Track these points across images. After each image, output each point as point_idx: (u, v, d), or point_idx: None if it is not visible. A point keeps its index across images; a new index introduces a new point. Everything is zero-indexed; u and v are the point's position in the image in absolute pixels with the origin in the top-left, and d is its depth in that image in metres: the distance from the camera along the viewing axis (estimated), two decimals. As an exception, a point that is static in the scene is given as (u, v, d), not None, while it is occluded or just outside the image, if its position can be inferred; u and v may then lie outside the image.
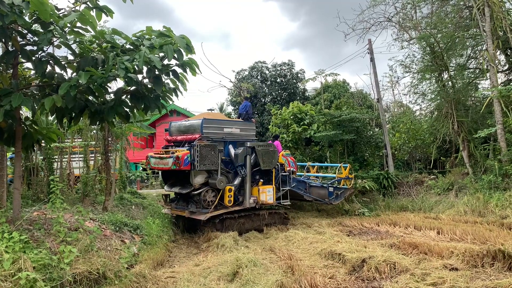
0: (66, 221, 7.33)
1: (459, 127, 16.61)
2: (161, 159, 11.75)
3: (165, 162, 11.58)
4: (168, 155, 11.65)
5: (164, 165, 11.64)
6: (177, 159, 11.22)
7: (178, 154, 11.30)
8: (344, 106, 22.74)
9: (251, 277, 6.63)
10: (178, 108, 37.38)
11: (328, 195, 15.18)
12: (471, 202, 13.78)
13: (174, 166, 11.33)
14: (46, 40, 6.15)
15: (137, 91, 7.15)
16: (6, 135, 7.31)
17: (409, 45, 19.64)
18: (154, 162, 12.02)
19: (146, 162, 12.35)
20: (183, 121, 13.12)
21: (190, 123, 12.68)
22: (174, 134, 12.94)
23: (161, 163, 11.76)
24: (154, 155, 12.21)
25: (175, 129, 13.02)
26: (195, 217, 11.65)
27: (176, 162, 11.24)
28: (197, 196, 11.74)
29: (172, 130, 13.12)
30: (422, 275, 6.51)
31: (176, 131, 12.92)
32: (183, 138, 12.40)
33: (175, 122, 13.41)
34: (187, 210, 11.87)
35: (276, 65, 38.93)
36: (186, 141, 12.19)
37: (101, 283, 6.01)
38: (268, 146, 13.16)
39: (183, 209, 12.10)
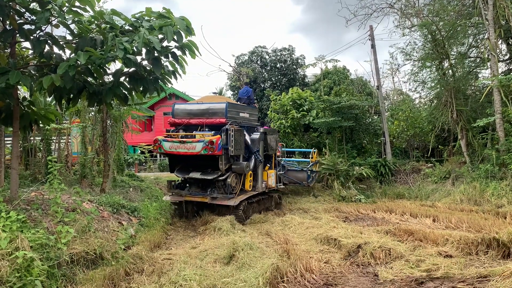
0: (64, 202, 7.36)
1: (458, 116, 16.60)
2: (182, 143, 11.08)
3: (190, 146, 10.94)
4: (196, 139, 11.10)
5: (188, 150, 10.98)
6: (211, 144, 10.74)
7: (211, 138, 10.82)
8: (344, 93, 22.65)
9: (247, 260, 6.68)
10: (176, 91, 37.20)
11: (306, 178, 16.01)
12: (467, 191, 13.84)
13: (204, 151, 10.79)
14: (44, 19, 6.09)
15: (136, 73, 7.11)
16: (4, 115, 7.30)
17: (411, 32, 19.55)
18: (171, 147, 11.21)
19: (156, 146, 11.40)
20: (195, 104, 12.58)
21: (207, 106, 12.18)
22: (182, 117, 12.23)
23: (182, 147, 11.07)
24: (169, 139, 11.41)
25: (184, 111, 12.30)
26: (221, 203, 11.25)
27: (209, 147, 10.74)
28: (221, 181, 11.41)
29: (178, 112, 12.36)
30: (417, 261, 6.57)
31: (186, 113, 12.21)
32: (200, 122, 11.85)
33: (181, 104, 12.88)
34: (209, 196, 11.41)
35: (276, 50, 38.69)
36: (205, 125, 11.74)
37: (98, 264, 6.06)
38: (274, 132, 13.24)
39: (202, 195, 11.57)
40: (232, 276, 5.97)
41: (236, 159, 11.66)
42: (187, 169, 11.96)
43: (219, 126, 11.69)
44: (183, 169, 12.06)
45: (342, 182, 17.16)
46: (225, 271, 6.28)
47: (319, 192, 17.23)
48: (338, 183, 17.06)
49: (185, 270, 6.19)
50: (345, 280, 6.13)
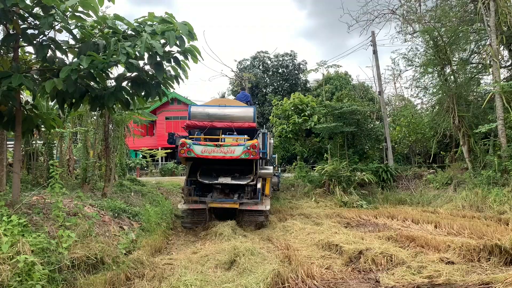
0: (65, 206, 7.35)
1: (460, 122, 16.59)
2: (217, 146, 10.79)
3: (227, 150, 10.72)
4: (235, 143, 10.98)
5: (225, 154, 10.73)
6: (253, 148, 10.64)
7: (253, 142, 10.76)
8: (346, 98, 22.71)
9: (248, 265, 6.66)
10: (178, 96, 37.31)
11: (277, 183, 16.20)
12: (469, 197, 13.80)
13: (245, 155, 10.66)
14: (47, 24, 6.12)
15: (138, 78, 7.13)
16: (6, 119, 7.32)
17: (413, 38, 19.60)
18: (203, 150, 10.79)
19: (184, 150, 10.76)
20: (215, 107, 12.33)
21: (232, 109, 12.13)
22: (202, 119, 11.92)
23: (217, 151, 10.75)
24: (201, 143, 11.02)
25: (203, 114, 12.02)
26: (252, 208, 11.14)
27: (251, 151, 10.65)
28: (250, 186, 11.32)
29: (196, 115, 12.00)
30: (419, 267, 6.53)
31: (207, 116, 11.96)
32: (227, 125, 11.74)
33: (198, 106, 12.57)
34: (238, 202, 11.15)
35: (279, 55, 38.85)
36: (232, 128, 11.66)
37: (98, 268, 6.04)
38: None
39: (231, 201, 11.23)
40: (233, 282, 5.95)
41: (261, 163, 11.64)
42: (210, 174, 11.58)
43: (248, 130, 11.75)
44: (207, 174, 11.57)
45: (343, 188, 17.16)
46: (226, 277, 6.26)
47: (320, 198, 17.21)
48: (339, 188, 17.07)
49: (186, 275, 6.18)
50: (347, 286, 6.09)
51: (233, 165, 11.39)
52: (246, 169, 11.54)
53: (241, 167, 11.49)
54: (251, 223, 11.43)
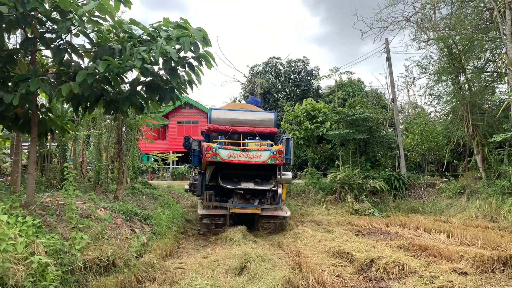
0: (78, 208, 7.42)
1: (474, 130, 16.39)
2: (244, 151, 10.75)
3: (254, 155, 10.71)
4: (262, 148, 11.00)
5: (251, 159, 10.72)
6: (279, 153, 10.69)
7: (279, 148, 10.83)
8: (358, 105, 22.59)
9: (259, 271, 6.65)
10: (191, 100, 37.52)
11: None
12: (483, 207, 13.61)
13: (271, 160, 10.70)
14: (65, 28, 6.22)
15: (153, 82, 7.20)
16: (22, 121, 7.43)
17: (427, 46, 19.44)
18: (229, 155, 10.70)
19: (210, 154, 10.62)
20: (235, 111, 12.31)
21: (253, 114, 12.17)
22: (223, 123, 11.85)
23: (243, 156, 10.71)
24: (228, 147, 10.94)
25: (224, 118, 11.98)
26: (274, 214, 11.22)
27: (277, 156, 10.70)
28: (272, 192, 11.35)
29: (216, 119, 11.94)
30: (431, 277, 6.45)
31: (228, 121, 11.93)
32: (249, 130, 11.73)
33: (218, 110, 12.43)
34: (260, 207, 11.17)
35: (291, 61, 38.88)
36: (253, 133, 11.67)
37: (110, 271, 6.09)
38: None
39: (252, 206, 11.21)
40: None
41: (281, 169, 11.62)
42: (231, 179, 11.49)
43: (270, 135, 11.78)
44: (227, 179, 11.46)
45: (355, 195, 17.05)
46: (236, 282, 6.26)
47: (331, 205, 17.11)
48: (351, 196, 16.96)
49: (197, 280, 6.19)
50: (358, 295, 6.06)
51: (254, 170, 11.36)
52: (267, 174, 11.54)
53: (262, 172, 11.48)
54: (271, 229, 11.48)
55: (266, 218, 11.48)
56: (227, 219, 11.17)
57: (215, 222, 11.32)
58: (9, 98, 6.10)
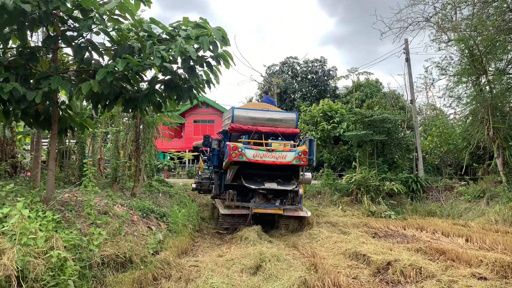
0: (96, 204, 7.52)
1: (494, 133, 16.08)
2: (269, 151, 10.76)
3: (279, 155, 10.76)
4: (287, 148, 11.07)
5: (277, 159, 10.75)
6: (304, 154, 10.77)
7: (304, 148, 10.92)
8: (376, 106, 22.38)
9: (274, 271, 6.63)
10: (207, 99, 37.69)
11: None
12: (503, 211, 13.34)
13: (296, 161, 10.77)
14: (87, 26, 6.30)
15: (171, 81, 7.25)
16: (42, 118, 7.55)
17: (447, 47, 19.10)
18: (255, 155, 10.67)
19: (236, 154, 10.56)
20: (257, 110, 12.27)
21: (275, 114, 12.22)
22: (246, 123, 11.79)
23: (268, 156, 10.72)
24: (254, 147, 10.89)
25: (247, 118, 11.90)
26: (295, 214, 11.31)
27: (302, 157, 10.76)
28: (293, 192, 11.45)
29: (239, 118, 11.84)
30: (449, 282, 6.34)
31: (251, 120, 11.87)
32: (272, 130, 11.75)
33: (240, 109, 12.31)
34: (282, 208, 11.24)
35: (308, 61, 38.72)
36: (276, 133, 11.72)
37: (127, 267, 6.15)
38: None
39: (275, 207, 11.27)
40: (259, 287, 5.93)
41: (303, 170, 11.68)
42: (253, 179, 11.43)
43: (292, 135, 11.84)
44: (250, 179, 11.38)
45: (372, 197, 16.89)
46: (252, 282, 6.25)
47: (347, 206, 16.98)
48: (367, 198, 16.80)
49: (213, 278, 6.21)
50: (374, 298, 6.00)
51: (275, 170, 11.39)
52: (288, 174, 11.57)
53: (284, 172, 11.51)
54: (292, 229, 11.50)
55: (287, 218, 11.51)
56: (249, 219, 11.12)
57: (236, 222, 11.27)
58: (31, 95, 6.20)
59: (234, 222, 11.25)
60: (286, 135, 11.89)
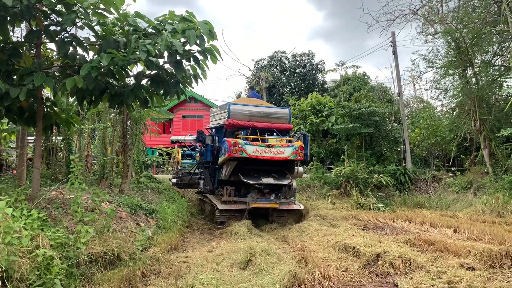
0: (84, 201, 7.42)
1: (481, 125, 16.24)
2: (269, 147, 10.90)
3: (278, 151, 10.92)
4: (285, 144, 11.21)
5: (275, 155, 10.92)
6: (301, 150, 10.99)
7: (300, 144, 11.13)
8: (364, 99, 22.46)
9: (264, 265, 6.61)
10: (195, 95, 37.49)
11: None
12: (490, 202, 13.51)
13: (294, 156, 10.99)
14: (70, 20, 6.17)
15: (158, 76, 7.15)
16: (27, 115, 7.42)
17: (434, 39, 19.21)
18: (255, 151, 10.80)
19: (237, 150, 10.64)
20: (252, 106, 12.21)
21: (269, 109, 12.33)
22: (242, 118, 11.76)
23: (268, 152, 10.87)
24: (254, 143, 10.97)
25: (243, 113, 11.84)
26: (290, 207, 11.56)
27: (299, 152, 10.97)
28: (287, 186, 11.66)
29: (235, 113, 11.76)
30: (438, 272, 6.39)
31: (247, 115, 11.83)
32: (268, 126, 11.80)
33: (236, 105, 12.20)
34: (278, 202, 11.40)
35: (296, 55, 38.70)
36: (271, 129, 11.79)
37: (115, 264, 6.07)
38: None
39: (271, 201, 11.37)
40: (249, 282, 5.91)
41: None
42: (249, 174, 11.45)
43: (285, 131, 11.99)
44: (247, 174, 11.39)
45: (360, 190, 16.98)
46: (242, 276, 6.23)
47: (336, 199, 17.05)
48: (356, 190, 16.89)
49: (202, 274, 6.16)
50: (364, 290, 6.01)
51: (270, 165, 11.52)
52: (282, 169, 11.75)
53: (279, 167, 11.68)
54: (286, 222, 11.63)
55: (281, 212, 11.70)
56: (246, 213, 11.18)
57: (233, 216, 11.32)
58: (15, 92, 6.07)
59: (231, 217, 11.31)
60: (281, 130, 11.97)
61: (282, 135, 11.95)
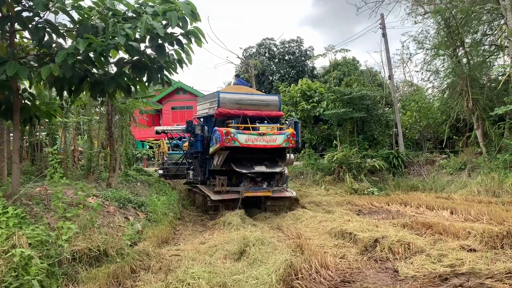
0: (68, 196, 7.09)
1: (474, 104, 16.05)
2: (260, 135, 10.74)
3: (270, 139, 10.82)
4: (277, 132, 11.08)
5: (267, 143, 10.82)
6: (292, 137, 10.96)
7: (292, 131, 11.10)
8: (355, 83, 22.17)
9: (259, 256, 6.34)
10: (184, 85, 36.97)
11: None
12: (485, 182, 13.38)
13: (286, 144, 10.99)
14: (41, 4, 5.77)
15: (139, 62, 6.78)
16: (4, 107, 7.03)
17: (424, 19, 18.93)
18: (247, 139, 10.61)
19: (229, 139, 10.45)
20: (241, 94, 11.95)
21: (261, 97, 12.22)
22: (231, 107, 11.40)
23: (260, 140, 10.73)
24: (245, 131, 10.77)
25: (232, 101, 11.50)
26: (282, 195, 11.47)
27: (291, 139, 10.95)
28: (279, 174, 11.61)
29: (225, 102, 11.40)
30: (439, 256, 6.17)
31: (236, 103, 11.50)
32: (258, 114, 11.57)
33: (226, 93, 11.83)
34: (271, 189, 11.24)
35: (285, 42, 38.26)
36: (262, 117, 11.55)
37: (102, 261, 5.75)
38: None
39: (264, 189, 11.20)
40: (243, 273, 5.63)
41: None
42: (242, 163, 11.26)
43: (276, 118, 11.83)
44: (240, 163, 11.19)
45: (354, 175, 16.80)
46: (235, 268, 5.95)
47: (330, 185, 16.86)
48: (350, 175, 16.70)
49: (194, 267, 5.86)
50: (363, 277, 5.75)
51: (262, 153, 11.43)
52: (274, 157, 11.66)
53: (271, 155, 11.60)
54: (279, 210, 11.53)
55: (274, 199, 11.57)
56: (239, 203, 10.98)
57: (227, 207, 11.12)
58: (-13, 84, 5.69)
59: (225, 206, 11.14)
60: (271, 118, 11.75)
61: (272, 122, 11.72)
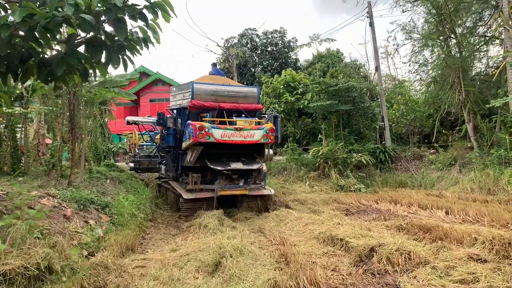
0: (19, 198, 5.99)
1: (466, 97, 15.27)
2: (237, 130, 10.01)
3: (247, 134, 10.07)
4: (255, 126, 10.28)
5: (245, 138, 10.07)
6: (271, 132, 10.27)
7: (271, 126, 10.41)
8: (340, 75, 21.29)
9: (236, 270, 5.36)
10: (163, 77, 35.66)
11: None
12: (478, 179, 12.63)
13: (265, 139, 10.25)
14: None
15: (95, 39, 5.66)
16: None
17: (413, 7, 18.06)
18: (223, 135, 9.87)
19: (203, 135, 9.71)
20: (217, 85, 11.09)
21: (239, 88, 11.39)
22: (207, 99, 10.66)
23: (236, 136, 9.99)
24: (221, 126, 10.03)
25: (207, 92, 10.72)
26: (260, 193, 10.73)
27: (270, 135, 10.24)
28: (257, 171, 10.92)
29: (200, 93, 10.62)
30: (446, 268, 5.30)
31: (212, 95, 10.74)
32: (235, 107, 10.74)
33: (201, 84, 10.91)
34: (248, 187, 10.53)
35: (267, 32, 37.17)
36: (240, 110, 10.75)
37: (44, 280, 4.70)
38: None
39: (240, 187, 10.48)
40: (216, 294, 4.67)
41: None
42: (217, 159, 10.50)
43: (254, 111, 11.08)
44: (215, 160, 10.47)
45: (340, 170, 15.95)
46: (207, 286, 4.97)
47: (315, 181, 15.99)
48: (335, 171, 15.85)
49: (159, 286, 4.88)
50: (360, 296, 4.85)
51: (239, 149, 10.66)
52: (251, 153, 10.95)
53: (248, 151, 10.85)
54: (256, 209, 10.87)
55: (250, 198, 10.83)
56: (214, 202, 10.21)
57: (200, 206, 10.25)
58: None
59: (198, 206, 10.26)
60: (249, 111, 10.95)
61: (250, 116, 10.90)
